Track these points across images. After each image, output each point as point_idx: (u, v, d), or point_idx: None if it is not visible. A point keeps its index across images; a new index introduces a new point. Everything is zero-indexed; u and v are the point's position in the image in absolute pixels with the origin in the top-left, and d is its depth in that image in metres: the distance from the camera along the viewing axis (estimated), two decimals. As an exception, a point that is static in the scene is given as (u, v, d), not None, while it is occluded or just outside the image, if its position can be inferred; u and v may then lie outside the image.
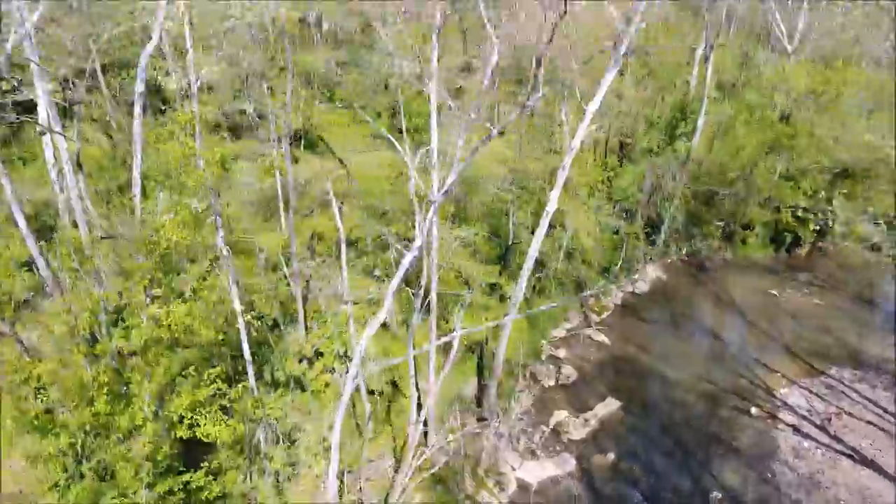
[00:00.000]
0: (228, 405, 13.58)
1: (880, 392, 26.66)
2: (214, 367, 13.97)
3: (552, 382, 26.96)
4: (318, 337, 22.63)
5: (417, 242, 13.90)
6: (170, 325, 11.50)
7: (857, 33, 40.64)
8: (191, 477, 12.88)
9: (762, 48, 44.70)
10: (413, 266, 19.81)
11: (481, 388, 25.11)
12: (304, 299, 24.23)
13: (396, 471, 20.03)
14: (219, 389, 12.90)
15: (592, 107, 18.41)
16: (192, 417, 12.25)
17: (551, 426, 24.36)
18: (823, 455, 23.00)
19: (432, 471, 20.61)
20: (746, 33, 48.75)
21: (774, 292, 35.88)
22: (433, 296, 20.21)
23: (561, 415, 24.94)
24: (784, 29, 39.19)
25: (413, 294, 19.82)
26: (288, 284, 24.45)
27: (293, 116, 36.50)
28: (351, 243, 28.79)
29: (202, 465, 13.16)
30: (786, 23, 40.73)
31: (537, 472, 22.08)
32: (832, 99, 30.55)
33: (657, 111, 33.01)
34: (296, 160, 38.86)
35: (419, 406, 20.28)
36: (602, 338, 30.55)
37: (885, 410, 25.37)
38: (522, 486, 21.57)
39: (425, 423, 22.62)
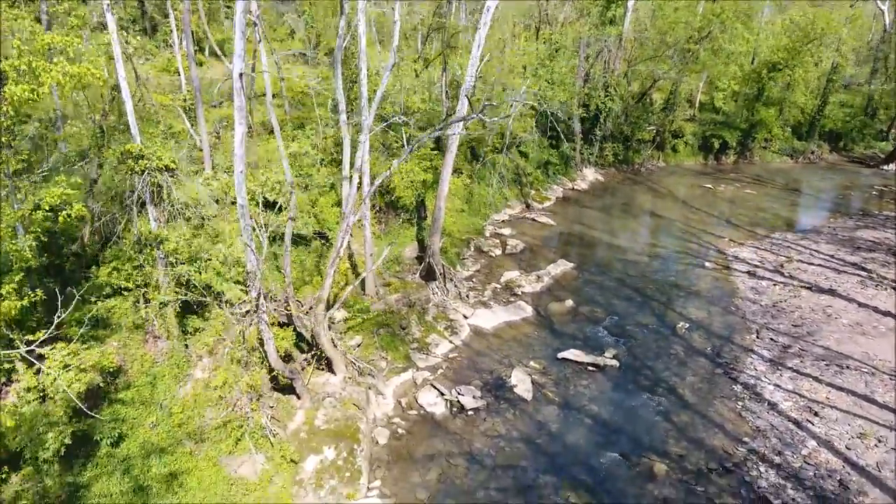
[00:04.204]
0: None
1: (823, 245, 26.47)
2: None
3: (499, 252, 24.72)
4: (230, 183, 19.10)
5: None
6: None
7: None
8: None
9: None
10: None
11: (423, 250, 22.38)
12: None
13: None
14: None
15: None
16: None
17: (502, 283, 22.04)
18: (783, 289, 22.12)
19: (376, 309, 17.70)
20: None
21: (709, 186, 35.86)
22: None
23: (512, 273, 22.72)
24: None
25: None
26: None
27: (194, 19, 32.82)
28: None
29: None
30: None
31: (491, 318, 19.63)
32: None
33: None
34: (199, 64, 34.96)
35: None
36: (546, 219, 28.77)
37: (832, 257, 25.06)
38: (477, 332, 19.03)
39: (362, 282, 19.62)
